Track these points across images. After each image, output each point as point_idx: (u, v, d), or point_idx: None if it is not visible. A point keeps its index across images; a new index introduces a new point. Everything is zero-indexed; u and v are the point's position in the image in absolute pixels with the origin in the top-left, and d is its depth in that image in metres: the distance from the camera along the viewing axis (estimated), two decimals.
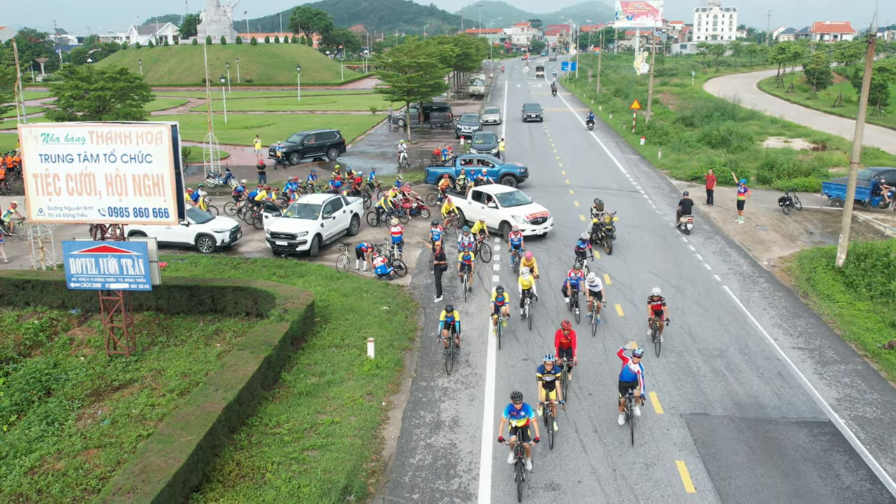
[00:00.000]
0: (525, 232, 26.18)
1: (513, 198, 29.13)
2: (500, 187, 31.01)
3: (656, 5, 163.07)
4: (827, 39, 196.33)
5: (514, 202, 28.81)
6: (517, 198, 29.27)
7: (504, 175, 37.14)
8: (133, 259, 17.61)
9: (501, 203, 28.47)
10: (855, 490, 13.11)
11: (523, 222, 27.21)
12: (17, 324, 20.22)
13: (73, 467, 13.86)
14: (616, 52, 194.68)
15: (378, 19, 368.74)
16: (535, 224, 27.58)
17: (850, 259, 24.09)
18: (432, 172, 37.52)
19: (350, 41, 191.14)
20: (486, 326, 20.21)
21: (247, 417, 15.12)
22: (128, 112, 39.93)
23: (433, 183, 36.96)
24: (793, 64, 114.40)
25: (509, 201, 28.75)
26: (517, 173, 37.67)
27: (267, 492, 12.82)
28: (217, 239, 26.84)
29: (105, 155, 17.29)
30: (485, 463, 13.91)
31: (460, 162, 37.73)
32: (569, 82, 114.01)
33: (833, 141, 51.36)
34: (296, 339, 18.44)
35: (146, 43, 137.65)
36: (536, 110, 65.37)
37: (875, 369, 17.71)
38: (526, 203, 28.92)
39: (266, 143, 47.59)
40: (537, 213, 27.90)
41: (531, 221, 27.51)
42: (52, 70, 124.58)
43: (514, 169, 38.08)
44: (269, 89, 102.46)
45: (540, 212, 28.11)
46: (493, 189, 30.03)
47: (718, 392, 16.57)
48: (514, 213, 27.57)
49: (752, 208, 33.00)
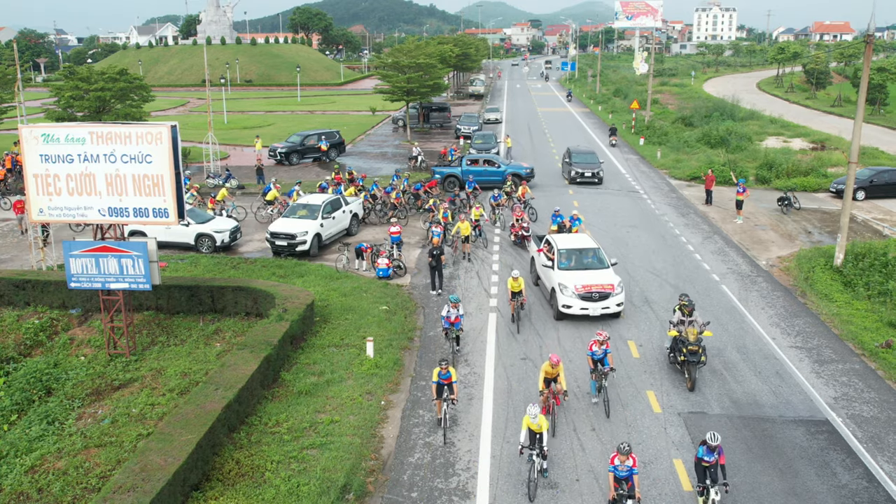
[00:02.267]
0: (572, 310, 20.02)
1: (581, 256, 21.65)
2: (572, 238, 22.93)
3: (656, 5, 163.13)
4: (826, 39, 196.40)
5: (578, 263, 21.33)
6: (586, 257, 21.67)
7: (510, 175, 36.72)
8: (133, 259, 17.67)
9: (559, 261, 21.31)
10: (851, 488, 13.17)
11: (571, 296, 20.07)
12: (17, 323, 20.28)
13: (74, 466, 13.91)
14: (616, 52, 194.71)
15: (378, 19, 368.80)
16: (587, 300, 19.94)
17: (848, 259, 24.16)
18: (438, 172, 37.50)
19: (350, 41, 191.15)
20: (484, 326, 20.27)
21: (246, 416, 15.18)
22: (128, 112, 39.98)
23: (439, 182, 36.90)
24: (792, 64, 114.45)
25: (571, 261, 21.36)
26: (523, 174, 37.21)
27: (266, 490, 12.88)
28: (217, 239, 26.90)
29: (105, 155, 17.35)
30: (483, 462, 13.97)
31: (466, 162, 37.60)
32: (568, 82, 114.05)
33: (832, 141, 51.42)
34: (295, 338, 18.50)
35: (146, 43, 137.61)
36: (592, 164, 39.10)
37: (872, 368, 17.77)
38: (597, 267, 21.23)
39: (266, 144, 47.66)
40: (596, 286, 20.06)
41: (582, 296, 19.94)
42: (52, 71, 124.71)
43: (521, 169, 37.68)
44: (268, 89, 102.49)
45: (602, 283, 20.22)
46: (560, 241, 22.27)
47: (716, 391, 16.63)
48: (565, 281, 20.43)
49: (751, 208, 33.07)
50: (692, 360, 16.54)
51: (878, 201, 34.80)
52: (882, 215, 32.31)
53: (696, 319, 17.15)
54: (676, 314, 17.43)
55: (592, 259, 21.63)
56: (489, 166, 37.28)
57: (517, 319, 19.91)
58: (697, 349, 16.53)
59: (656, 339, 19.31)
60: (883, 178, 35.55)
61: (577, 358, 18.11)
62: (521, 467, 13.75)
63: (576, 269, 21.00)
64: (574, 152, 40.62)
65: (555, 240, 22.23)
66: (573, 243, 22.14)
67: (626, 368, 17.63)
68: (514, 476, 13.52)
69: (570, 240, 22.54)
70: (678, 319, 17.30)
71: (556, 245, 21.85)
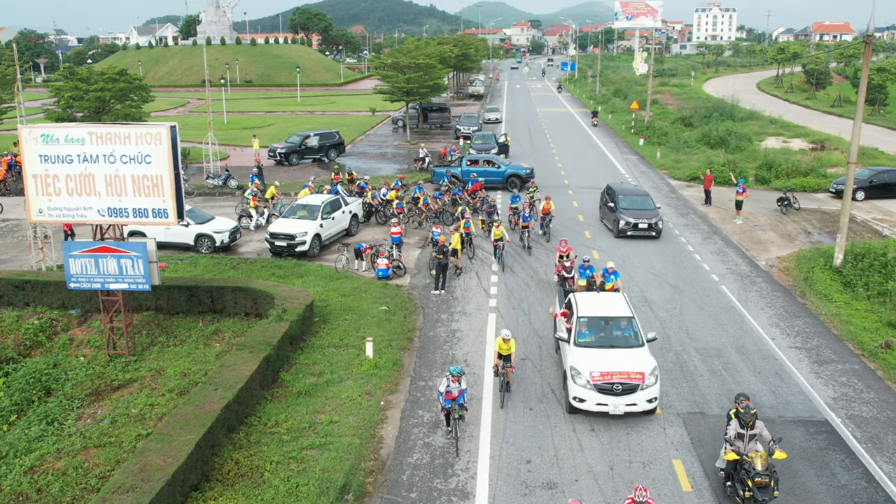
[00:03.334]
0: (586, 405, 15.08)
1: (607, 327, 16.50)
2: (599, 300, 17.51)
3: (656, 6, 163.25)
4: (826, 39, 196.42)
5: (601, 338, 16.22)
6: (615, 329, 16.48)
7: (509, 176, 36.59)
8: (132, 259, 17.67)
9: (577, 333, 16.23)
10: (851, 489, 13.17)
11: (585, 385, 15.08)
12: (17, 324, 20.28)
13: (73, 466, 13.91)
14: (615, 52, 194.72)
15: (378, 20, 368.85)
16: (606, 394, 14.93)
17: (847, 259, 24.16)
18: (438, 173, 37.45)
19: (350, 42, 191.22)
20: (484, 326, 20.28)
21: (246, 417, 15.18)
22: (127, 113, 39.96)
23: (439, 183, 36.91)
24: (792, 64, 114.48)
25: (592, 334, 16.28)
26: (523, 174, 37.01)
27: (266, 490, 12.88)
28: (216, 239, 26.91)
29: (105, 156, 17.35)
30: (482, 462, 13.97)
31: (466, 162, 37.52)
32: (568, 83, 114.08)
33: (832, 141, 51.42)
34: (295, 338, 18.50)
35: (146, 44, 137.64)
36: (646, 211, 28.68)
37: (872, 368, 17.78)
38: (626, 345, 16.04)
39: (265, 144, 47.65)
40: (619, 374, 14.99)
41: (599, 387, 14.98)
42: (52, 71, 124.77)
43: (520, 170, 37.47)
44: (268, 90, 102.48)
45: (628, 370, 15.06)
46: (582, 303, 17.10)
47: (715, 391, 16.63)
48: (580, 364, 15.29)
49: (751, 208, 33.07)
50: (762, 498, 11.84)
51: (877, 201, 34.80)
52: (882, 215, 32.32)
53: (760, 433, 12.54)
54: (732, 425, 12.65)
55: (622, 333, 16.34)
56: (489, 166, 37.20)
57: (504, 391, 16.01)
58: (769, 481, 11.90)
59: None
60: (882, 178, 35.56)
61: None
62: (520, 467, 13.78)
63: (597, 347, 15.87)
64: (620, 193, 29.43)
65: (577, 301, 17.21)
66: (599, 308, 16.86)
67: None
68: (514, 476, 13.52)
69: (595, 303, 17.20)
70: (735, 433, 12.55)
71: (576, 309, 16.83)
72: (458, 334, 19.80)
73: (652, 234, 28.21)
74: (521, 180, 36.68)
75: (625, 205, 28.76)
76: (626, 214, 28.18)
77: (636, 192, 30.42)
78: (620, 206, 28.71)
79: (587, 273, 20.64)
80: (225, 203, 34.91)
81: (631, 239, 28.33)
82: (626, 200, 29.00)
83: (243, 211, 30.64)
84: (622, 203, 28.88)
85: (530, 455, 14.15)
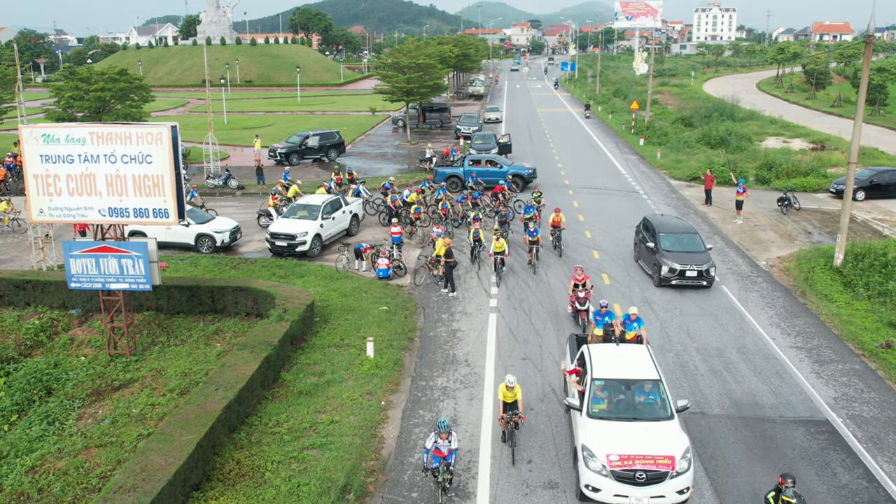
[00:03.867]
0: (601, 496, 12.42)
1: (628, 393, 13.67)
2: (618, 356, 14.59)
3: (656, 6, 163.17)
4: (826, 39, 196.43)
5: (620, 408, 13.49)
6: (637, 394, 13.66)
7: (512, 176, 36.26)
8: (133, 259, 17.68)
9: (591, 400, 13.44)
10: (852, 488, 13.18)
11: (600, 471, 12.37)
12: (17, 324, 20.29)
13: (74, 466, 13.92)
14: (615, 52, 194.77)
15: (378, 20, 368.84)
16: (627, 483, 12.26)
17: (848, 259, 24.17)
18: (440, 172, 37.43)
19: (350, 42, 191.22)
20: (484, 326, 20.28)
21: (247, 416, 15.19)
22: (128, 113, 40.00)
23: (442, 182, 36.88)
24: (792, 64, 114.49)
25: (609, 402, 13.50)
26: (525, 174, 36.78)
27: (267, 490, 12.89)
28: (217, 239, 26.91)
29: (105, 155, 17.35)
30: (483, 462, 13.97)
31: (468, 162, 37.42)
32: (568, 83, 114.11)
33: (832, 141, 51.43)
34: (295, 338, 18.51)
35: (146, 44, 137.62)
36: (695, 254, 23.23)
37: (872, 368, 17.79)
38: (652, 416, 13.29)
39: (266, 144, 47.66)
40: (643, 459, 12.32)
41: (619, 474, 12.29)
42: (52, 71, 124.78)
43: (523, 170, 37.25)
44: (268, 90, 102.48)
45: (654, 453, 12.38)
46: (598, 360, 14.28)
47: (716, 391, 16.64)
48: (594, 443, 12.65)
49: (751, 208, 33.08)
50: None
51: (877, 201, 34.80)
52: (882, 215, 32.32)
53: None
54: None
55: (646, 399, 13.45)
56: (491, 166, 37.05)
57: (510, 442, 14.10)
58: None
59: (656, 339, 19.30)
60: (883, 178, 35.56)
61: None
62: (521, 467, 13.77)
63: (615, 419, 13.13)
64: (661, 231, 23.91)
65: (591, 357, 14.36)
66: (618, 368, 14.01)
67: None
68: (515, 476, 13.53)
69: (614, 360, 14.31)
70: None
71: (591, 367, 13.99)
72: (459, 334, 19.82)
73: (703, 283, 22.61)
74: (523, 180, 36.56)
75: (668, 245, 23.34)
76: (671, 258, 22.78)
77: (681, 228, 24.62)
78: (662, 248, 23.21)
79: (605, 320, 17.12)
80: (225, 203, 34.90)
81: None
82: (669, 240, 23.54)
83: (263, 210, 30.58)
84: (664, 243, 23.38)
85: (531, 454, 14.15)
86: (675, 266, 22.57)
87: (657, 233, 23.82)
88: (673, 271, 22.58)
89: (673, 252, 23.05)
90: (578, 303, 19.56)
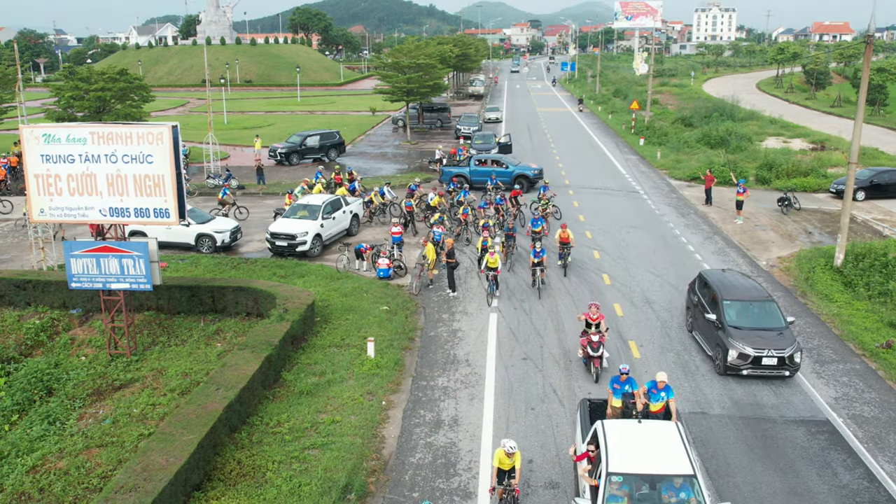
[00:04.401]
0: None
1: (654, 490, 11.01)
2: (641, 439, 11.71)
3: (655, 6, 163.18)
4: (826, 40, 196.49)
5: None
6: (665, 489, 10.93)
7: (517, 177, 36.04)
8: (134, 259, 17.67)
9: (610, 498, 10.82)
10: (852, 488, 13.18)
11: None
12: (18, 324, 20.29)
13: (75, 466, 13.91)
14: (615, 52, 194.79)
15: (377, 20, 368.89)
16: None
17: (848, 259, 24.18)
18: (447, 172, 37.36)
19: (349, 42, 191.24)
20: (485, 326, 20.28)
21: (248, 416, 15.19)
22: (128, 112, 40.01)
23: (447, 182, 36.86)
24: (792, 64, 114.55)
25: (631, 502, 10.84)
26: (531, 175, 36.36)
27: (268, 490, 12.89)
28: (217, 239, 26.91)
29: (106, 155, 17.36)
30: (484, 462, 13.97)
31: (474, 162, 37.28)
32: (568, 83, 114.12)
33: (832, 141, 51.46)
34: (296, 338, 18.51)
35: (146, 43, 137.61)
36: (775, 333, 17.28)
37: (873, 368, 17.79)
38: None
39: (266, 144, 47.67)
40: None
41: None
42: (52, 71, 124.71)
43: (528, 170, 36.81)
44: (268, 90, 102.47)
45: None
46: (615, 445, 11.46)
47: (717, 391, 16.64)
48: None
49: (751, 208, 33.08)
50: None
51: (878, 202, 34.81)
52: (882, 215, 32.33)
53: None
54: None
55: (678, 502, 10.84)
56: (497, 167, 36.81)
57: None
58: None
59: (657, 338, 19.32)
60: (883, 178, 35.57)
61: (577, 359, 18.10)
62: (522, 467, 13.75)
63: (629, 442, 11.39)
64: (726, 296, 18.30)
65: (607, 439, 11.58)
66: (641, 458, 11.20)
67: None
68: None
69: (636, 445, 11.50)
70: None
71: (606, 456, 11.20)
72: (460, 334, 19.82)
73: (784, 373, 16.93)
74: (528, 181, 36.17)
75: (734, 318, 17.71)
76: (740, 339, 17.02)
77: (752, 293, 18.63)
78: (729, 322, 17.54)
79: (624, 389, 13.85)
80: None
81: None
82: (735, 309, 17.91)
83: (279, 209, 30.59)
84: (730, 314, 17.77)
85: (532, 454, 14.16)
86: (747, 351, 16.81)
87: (720, 300, 18.16)
88: (744, 358, 16.81)
89: (743, 329, 17.32)
90: (591, 348, 16.86)
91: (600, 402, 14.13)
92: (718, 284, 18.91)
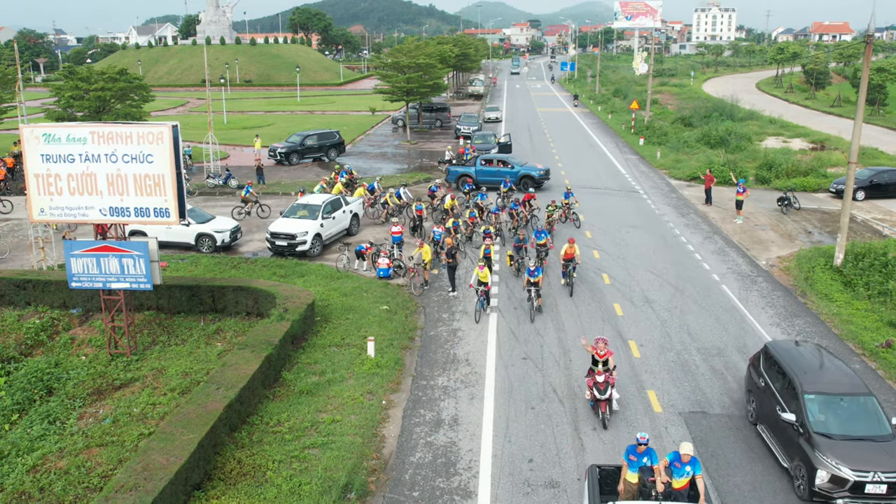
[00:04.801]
0: None
1: None
2: None
3: (655, 6, 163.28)
4: (826, 40, 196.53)
5: None
6: None
7: (522, 177, 35.79)
8: (134, 259, 17.68)
9: None
10: None
11: None
12: (18, 323, 20.28)
13: (75, 466, 13.92)
14: (615, 52, 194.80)
15: (377, 20, 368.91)
16: None
17: (848, 258, 24.19)
18: (452, 171, 37.29)
19: (349, 41, 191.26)
20: (485, 326, 20.28)
21: (248, 416, 15.19)
22: (128, 112, 40.01)
23: (453, 181, 36.75)
24: (792, 64, 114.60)
25: None
26: (536, 175, 36.10)
27: (268, 489, 12.89)
28: (217, 239, 26.91)
29: (106, 155, 17.35)
30: (484, 461, 13.98)
31: (481, 162, 37.18)
32: (567, 82, 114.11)
33: (832, 141, 51.47)
34: (296, 338, 18.51)
35: (145, 43, 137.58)
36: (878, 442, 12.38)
37: (873, 368, 17.79)
38: None
39: (265, 144, 47.67)
40: None
41: None
42: (52, 71, 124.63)
43: (534, 171, 36.51)
44: (268, 90, 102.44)
45: None
46: None
47: (717, 391, 16.65)
48: None
49: (751, 208, 33.09)
50: None
51: (877, 201, 34.82)
52: (882, 215, 32.35)
53: None
54: None
55: None
56: (503, 167, 36.67)
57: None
58: None
59: (657, 338, 19.33)
60: (883, 178, 35.59)
61: (577, 358, 18.12)
62: (522, 466, 13.78)
63: None
64: (807, 387, 13.25)
65: None
66: None
67: (627, 368, 17.64)
68: (516, 475, 13.53)
69: None
70: None
71: None
72: (460, 334, 19.83)
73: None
74: (534, 182, 35.96)
75: (822, 420, 12.95)
76: (834, 454, 12.31)
77: (843, 382, 13.60)
78: (814, 426, 12.82)
79: (641, 462, 11.41)
80: (226, 203, 34.88)
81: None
82: (820, 405, 13.15)
83: None
84: (814, 412, 13.04)
85: (532, 454, 14.17)
86: (844, 474, 12.07)
87: (800, 392, 13.26)
88: (841, 483, 12.12)
89: (835, 439, 12.54)
90: (598, 389, 14.90)
91: (612, 470, 11.68)
92: (792, 364, 13.90)
